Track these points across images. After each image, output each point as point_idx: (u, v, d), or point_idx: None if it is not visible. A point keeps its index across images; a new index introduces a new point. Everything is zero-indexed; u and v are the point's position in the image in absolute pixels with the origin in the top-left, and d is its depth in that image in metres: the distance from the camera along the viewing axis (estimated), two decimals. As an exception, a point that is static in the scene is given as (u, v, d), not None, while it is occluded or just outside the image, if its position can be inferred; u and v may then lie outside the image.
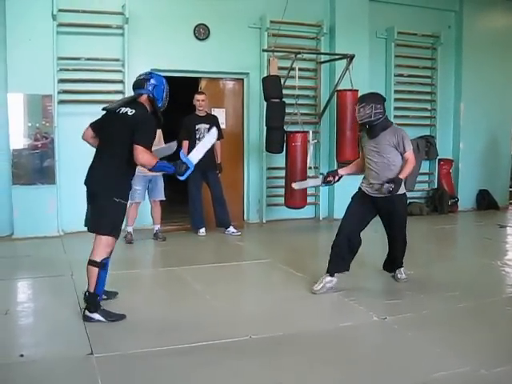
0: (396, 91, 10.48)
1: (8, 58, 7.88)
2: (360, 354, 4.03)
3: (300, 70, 8.99)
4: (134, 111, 4.59)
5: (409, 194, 10.61)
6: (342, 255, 5.47)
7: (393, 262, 5.91)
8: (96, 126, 4.82)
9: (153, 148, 4.74)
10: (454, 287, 5.67)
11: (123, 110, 4.63)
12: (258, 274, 6.13)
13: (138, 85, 4.80)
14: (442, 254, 7.65)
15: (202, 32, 9.04)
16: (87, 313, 4.58)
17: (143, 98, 4.74)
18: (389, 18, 10.31)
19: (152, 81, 4.77)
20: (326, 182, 6.03)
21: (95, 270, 4.54)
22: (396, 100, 10.47)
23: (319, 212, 10.00)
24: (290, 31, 9.43)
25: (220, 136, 8.51)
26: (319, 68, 9.84)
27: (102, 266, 4.56)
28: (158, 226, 8.11)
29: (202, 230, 8.50)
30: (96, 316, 4.56)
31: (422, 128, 10.87)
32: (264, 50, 9.13)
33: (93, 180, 4.66)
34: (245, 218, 9.74)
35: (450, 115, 11.15)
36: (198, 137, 8.22)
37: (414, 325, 4.59)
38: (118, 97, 8.50)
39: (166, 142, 8.07)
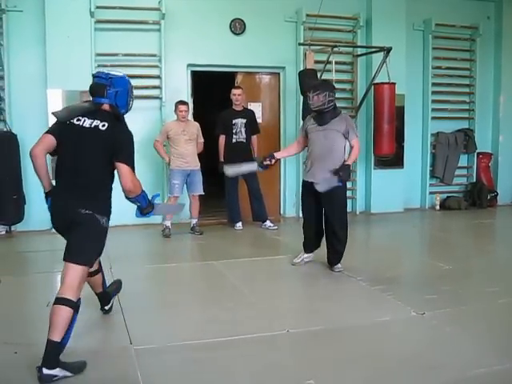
0: (434, 84, 10.34)
1: (47, 54, 8.06)
2: (397, 350, 4.00)
3: (336, 63, 8.93)
4: (105, 124, 3.77)
5: (447, 188, 10.67)
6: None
7: (334, 256, 6.05)
8: (55, 138, 3.83)
9: (160, 203, 4.69)
10: (493, 283, 5.60)
11: (89, 122, 3.79)
12: (295, 268, 6.14)
13: (97, 92, 3.91)
14: (480, 248, 7.53)
15: (237, 27, 9.07)
16: (45, 371, 3.35)
17: (105, 107, 3.89)
18: (426, 10, 10.17)
19: (113, 87, 3.90)
20: (263, 166, 6.12)
21: (69, 313, 3.48)
22: (434, 93, 10.35)
23: (356, 206, 9.97)
24: (326, 24, 9.38)
25: (256, 131, 8.54)
26: (356, 61, 9.78)
27: (78, 307, 3.59)
28: (196, 219, 8.17)
29: (239, 224, 8.55)
30: (59, 372, 3.41)
31: (461, 121, 10.73)
32: (300, 44, 9.10)
33: (70, 207, 3.73)
34: (281, 212, 9.76)
35: (489, 108, 10.96)
36: (234, 131, 8.26)
37: (453, 320, 4.53)
38: (156, 92, 8.64)
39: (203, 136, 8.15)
